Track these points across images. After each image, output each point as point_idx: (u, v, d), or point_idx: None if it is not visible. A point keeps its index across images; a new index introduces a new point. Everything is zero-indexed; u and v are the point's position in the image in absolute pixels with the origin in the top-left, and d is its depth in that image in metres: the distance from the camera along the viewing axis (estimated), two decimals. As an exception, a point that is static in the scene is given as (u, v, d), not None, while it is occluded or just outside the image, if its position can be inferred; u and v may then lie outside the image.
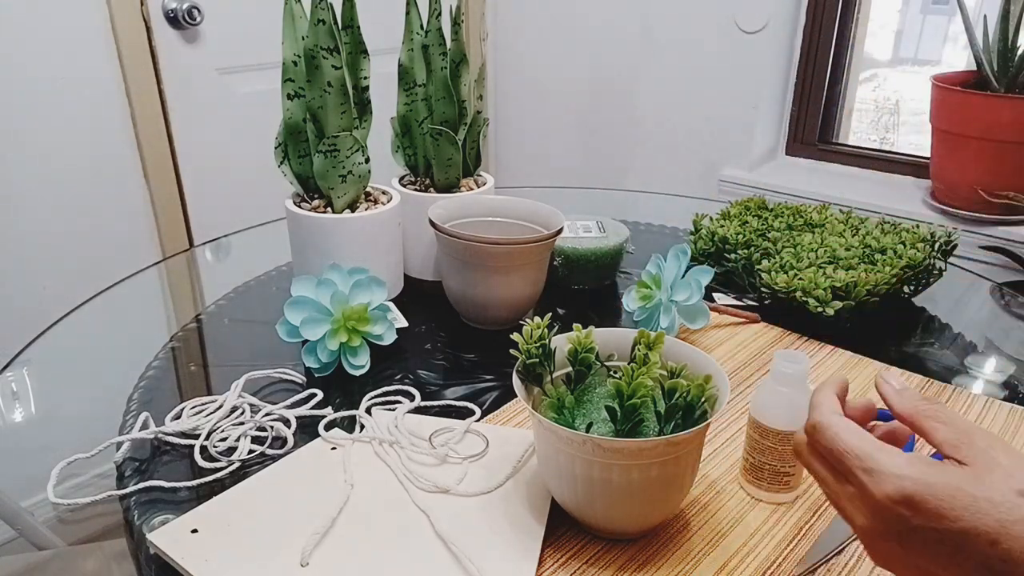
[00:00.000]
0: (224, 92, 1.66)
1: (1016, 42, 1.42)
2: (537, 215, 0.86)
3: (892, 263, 0.83)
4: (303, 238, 0.83)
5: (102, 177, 1.51)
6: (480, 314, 0.83)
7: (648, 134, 2.01)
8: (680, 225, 1.19)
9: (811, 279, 0.81)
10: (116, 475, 0.62)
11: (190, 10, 1.52)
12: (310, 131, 0.80)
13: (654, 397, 0.52)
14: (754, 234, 0.93)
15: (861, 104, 2.38)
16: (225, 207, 1.73)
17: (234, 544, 0.52)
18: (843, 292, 0.80)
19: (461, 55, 0.88)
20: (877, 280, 0.80)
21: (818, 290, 0.79)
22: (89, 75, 1.44)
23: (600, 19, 1.99)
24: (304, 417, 0.69)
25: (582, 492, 0.51)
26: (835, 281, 0.80)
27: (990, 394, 0.73)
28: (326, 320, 0.73)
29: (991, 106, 1.42)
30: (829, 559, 0.53)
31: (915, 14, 3.40)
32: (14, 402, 0.75)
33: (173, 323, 0.90)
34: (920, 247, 0.86)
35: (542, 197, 0.89)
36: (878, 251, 0.87)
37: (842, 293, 0.80)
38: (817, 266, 0.84)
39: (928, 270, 0.88)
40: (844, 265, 0.84)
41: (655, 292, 0.79)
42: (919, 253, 0.85)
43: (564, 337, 0.57)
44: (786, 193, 1.76)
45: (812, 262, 0.85)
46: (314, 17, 0.75)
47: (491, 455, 0.62)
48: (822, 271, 0.82)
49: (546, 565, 0.52)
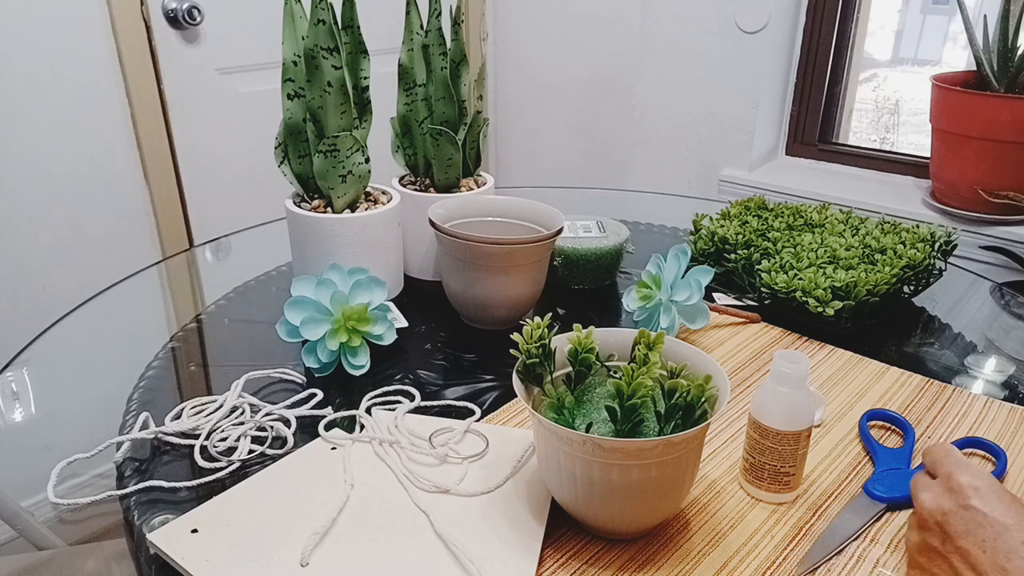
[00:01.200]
0: (224, 92, 1.66)
1: (1016, 42, 1.42)
2: (537, 215, 0.86)
3: (892, 263, 0.83)
4: (303, 238, 0.83)
5: (102, 177, 1.51)
6: (480, 314, 0.83)
7: (648, 134, 2.01)
8: (680, 225, 1.19)
9: (811, 279, 0.81)
10: (116, 475, 0.62)
11: (190, 10, 1.52)
12: (310, 131, 0.80)
13: (654, 397, 0.52)
14: (754, 234, 0.93)
15: (861, 104, 2.38)
16: (225, 207, 1.73)
17: (234, 544, 0.52)
18: (843, 292, 0.80)
19: (461, 55, 0.88)
20: (877, 280, 0.80)
21: (818, 290, 0.79)
22: (89, 75, 1.44)
23: (600, 19, 1.99)
24: (304, 417, 0.69)
25: (582, 492, 0.51)
26: (835, 281, 0.80)
27: (990, 394, 0.73)
28: (326, 320, 0.73)
29: (991, 106, 1.42)
30: (829, 558, 0.53)
31: (915, 14, 3.40)
32: (14, 402, 0.75)
33: (173, 323, 0.90)
34: (920, 247, 0.86)
35: (542, 197, 0.89)
36: (878, 251, 0.87)
37: (842, 293, 0.80)
38: (817, 266, 0.84)
39: (928, 270, 0.88)
40: (844, 265, 0.84)
41: (655, 292, 0.79)
42: (919, 253, 0.85)
43: (564, 337, 0.57)
44: (786, 193, 1.76)
45: (812, 262, 0.85)
46: (314, 17, 0.75)
47: (491, 455, 0.62)
48: (822, 271, 0.82)
49: (546, 565, 0.52)
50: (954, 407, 0.70)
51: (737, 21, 1.77)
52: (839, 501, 0.58)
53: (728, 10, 1.78)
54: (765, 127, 1.87)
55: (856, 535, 0.55)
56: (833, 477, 0.61)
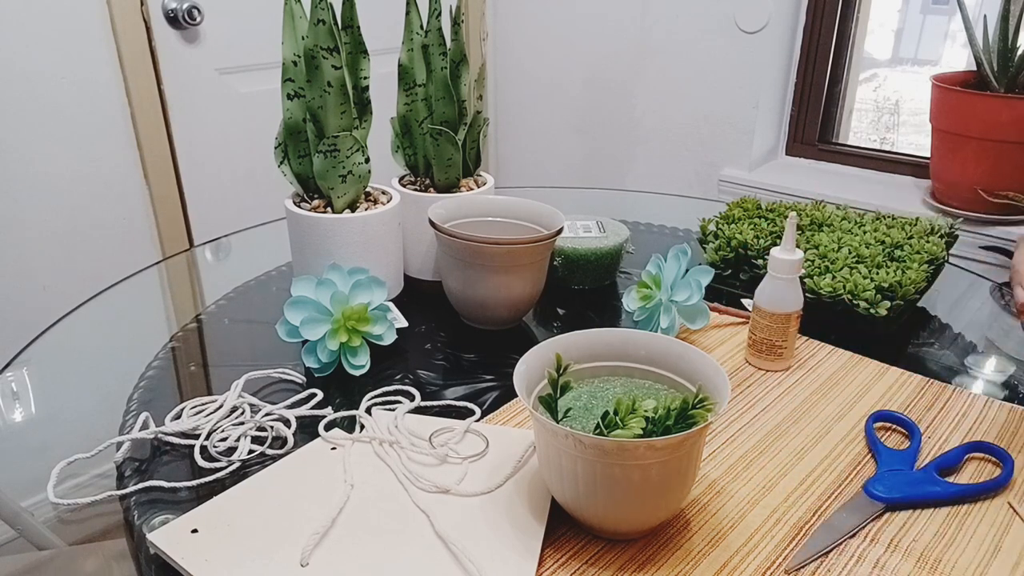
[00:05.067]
0: (224, 92, 1.66)
1: (1016, 42, 1.42)
2: (537, 215, 0.86)
3: (919, 258, 0.83)
4: (303, 238, 0.83)
5: (102, 177, 1.51)
6: (480, 314, 0.83)
7: (648, 134, 2.01)
8: (680, 225, 1.19)
9: (855, 281, 0.80)
10: (116, 475, 0.62)
11: (190, 10, 1.52)
12: (310, 131, 0.80)
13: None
14: (772, 237, 0.92)
15: (861, 104, 2.38)
16: (225, 207, 1.73)
17: (234, 544, 0.52)
18: (890, 292, 0.80)
19: (461, 55, 0.88)
20: (916, 277, 0.80)
21: (867, 292, 0.79)
22: (89, 75, 1.44)
23: (600, 19, 1.99)
24: (304, 417, 0.69)
25: (582, 492, 0.51)
26: (881, 281, 0.80)
27: (990, 394, 0.73)
28: (326, 320, 0.73)
29: (991, 106, 1.42)
30: (820, 556, 0.53)
31: (915, 14, 3.40)
32: (14, 402, 0.75)
33: (173, 323, 0.90)
34: (933, 240, 0.87)
35: (542, 197, 0.89)
36: (894, 246, 0.87)
37: (889, 293, 0.80)
38: (848, 266, 0.84)
39: (942, 263, 0.88)
40: (871, 264, 0.84)
41: (655, 292, 0.79)
42: (935, 246, 0.86)
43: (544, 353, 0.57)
44: (786, 193, 1.76)
45: (844, 262, 0.85)
46: (314, 17, 0.75)
47: (491, 455, 0.62)
48: (855, 271, 0.82)
49: (546, 565, 0.52)
50: (954, 407, 0.70)
51: (737, 21, 1.77)
52: (839, 501, 0.58)
53: (728, 10, 1.78)
54: (765, 127, 1.87)
55: (851, 534, 0.55)
56: (833, 477, 0.61)
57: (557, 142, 2.21)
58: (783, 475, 0.61)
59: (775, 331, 0.74)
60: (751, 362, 0.77)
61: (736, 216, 0.99)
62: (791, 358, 0.76)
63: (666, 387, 0.59)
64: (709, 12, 1.81)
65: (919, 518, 0.57)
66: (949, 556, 0.53)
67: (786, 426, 0.67)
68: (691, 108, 1.92)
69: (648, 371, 0.59)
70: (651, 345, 0.59)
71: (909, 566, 0.52)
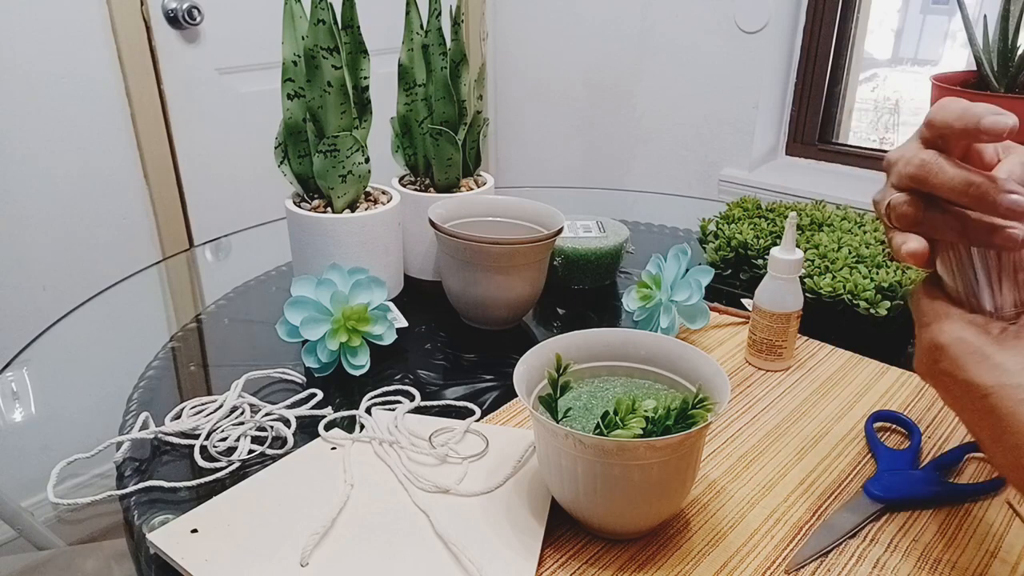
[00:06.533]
0: (224, 92, 1.66)
1: (1016, 42, 1.42)
2: (537, 215, 0.86)
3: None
4: (303, 238, 0.83)
5: (102, 177, 1.51)
6: (480, 314, 0.83)
7: (648, 134, 2.01)
8: (680, 225, 1.19)
9: (855, 281, 0.80)
10: (116, 475, 0.62)
11: (190, 10, 1.52)
12: (310, 131, 0.80)
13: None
14: (772, 237, 0.92)
15: (861, 104, 2.38)
16: (225, 207, 1.73)
17: (234, 544, 0.52)
18: (890, 292, 0.79)
19: (461, 55, 0.88)
20: (917, 277, 0.80)
21: (867, 292, 0.79)
22: (89, 75, 1.44)
23: (600, 19, 1.99)
24: (304, 417, 0.69)
25: (582, 492, 0.51)
26: (881, 281, 0.80)
27: (990, 394, 0.73)
28: (326, 320, 0.73)
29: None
30: (819, 556, 0.53)
31: (915, 13, 3.40)
32: (14, 402, 0.75)
33: (173, 323, 0.90)
34: None
35: (542, 197, 0.89)
36: None
37: (889, 293, 0.80)
38: (848, 266, 0.84)
39: None
40: (871, 263, 0.83)
41: (655, 292, 0.79)
42: None
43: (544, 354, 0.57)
44: (786, 193, 1.76)
45: (844, 262, 0.84)
46: (314, 17, 0.75)
47: (491, 455, 0.62)
48: (855, 271, 0.82)
49: (546, 565, 0.52)
50: (954, 407, 0.70)
51: (737, 21, 1.77)
52: (839, 501, 0.58)
53: (728, 10, 1.78)
54: (765, 127, 1.87)
55: (851, 534, 0.55)
56: (833, 477, 0.61)
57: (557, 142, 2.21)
58: (783, 475, 0.61)
59: (775, 331, 0.73)
60: (751, 362, 0.77)
61: (736, 216, 0.99)
62: (791, 358, 0.76)
63: (666, 387, 0.59)
64: (709, 12, 1.81)
65: (919, 518, 0.57)
66: (949, 556, 0.53)
67: (786, 426, 0.67)
68: (691, 108, 1.92)
69: (648, 371, 0.59)
70: (651, 345, 0.59)
71: (909, 566, 0.52)
